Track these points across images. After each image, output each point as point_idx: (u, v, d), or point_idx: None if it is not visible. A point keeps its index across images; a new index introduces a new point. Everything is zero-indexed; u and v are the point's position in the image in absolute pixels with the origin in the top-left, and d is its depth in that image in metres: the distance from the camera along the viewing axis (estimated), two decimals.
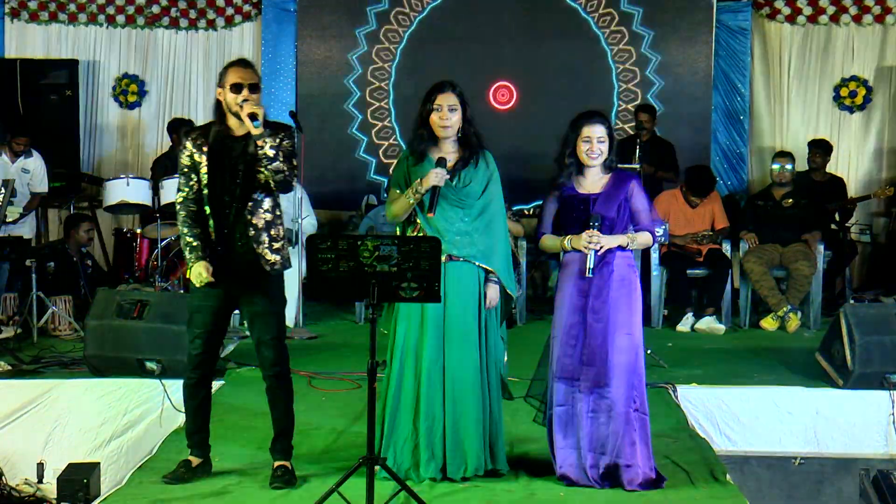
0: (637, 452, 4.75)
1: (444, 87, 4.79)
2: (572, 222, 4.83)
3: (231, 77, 4.59)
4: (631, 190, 4.84)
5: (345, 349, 7.48)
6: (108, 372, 6.40)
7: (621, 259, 4.80)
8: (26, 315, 7.54)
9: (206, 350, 4.76)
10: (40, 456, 6.20)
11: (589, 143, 4.80)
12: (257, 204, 4.64)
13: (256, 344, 4.78)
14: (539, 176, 9.94)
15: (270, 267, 4.66)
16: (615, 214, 4.79)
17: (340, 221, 9.95)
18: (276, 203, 4.72)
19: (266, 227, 4.66)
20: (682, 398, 6.22)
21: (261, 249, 4.64)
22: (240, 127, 4.60)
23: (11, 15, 10.07)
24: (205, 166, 4.61)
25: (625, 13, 9.99)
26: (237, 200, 4.61)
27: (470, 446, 4.79)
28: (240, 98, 4.54)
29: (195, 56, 10.15)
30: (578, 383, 4.77)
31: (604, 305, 4.75)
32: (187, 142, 4.67)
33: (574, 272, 4.81)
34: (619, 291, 4.77)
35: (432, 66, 9.77)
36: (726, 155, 10.06)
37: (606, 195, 4.81)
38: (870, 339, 6.28)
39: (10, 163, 8.63)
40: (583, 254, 4.75)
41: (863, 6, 9.85)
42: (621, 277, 4.78)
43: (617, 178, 4.86)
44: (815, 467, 6.19)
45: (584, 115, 4.89)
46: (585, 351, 4.76)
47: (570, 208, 4.84)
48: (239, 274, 4.66)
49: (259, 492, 4.72)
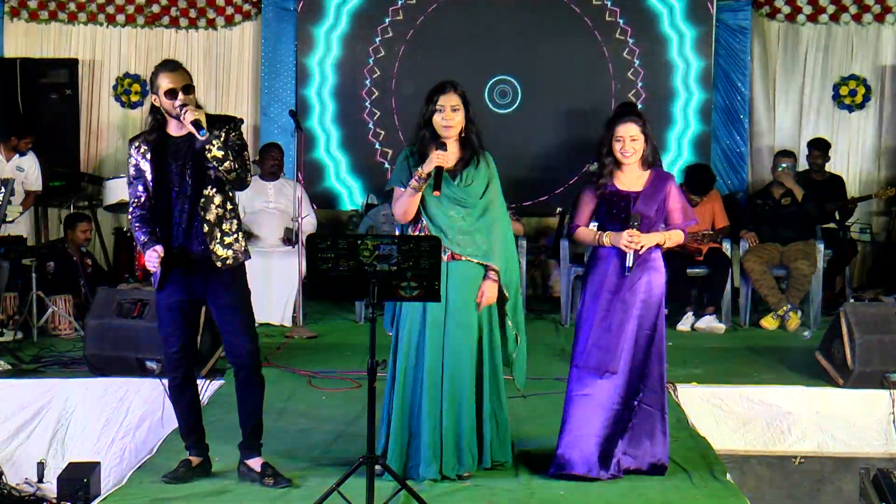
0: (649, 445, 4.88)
1: (447, 87, 4.80)
2: (612, 219, 4.90)
3: (163, 83, 4.56)
4: (669, 189, 4.91)
5: (345, 349, 7.48)
6: (109, 371, 6.40)
7: (655, 257, 4.88)
8: (26, 315, 7.54)
9: (182, 347, 4.75)
10: (40, 455, 6.20)
11: (621, 142, 4.86)
12: (209, 200, 4.63)
13: (226, 338, 4.77)
14: (539, 175, 10.06)
15: (222, 262, 4.64)
16: (654, 214, 4.87)
17: (340, 221, 9.95)
18: (228, 197, 4.70)
19: (217, 221, 4.64)
20: (683, 397, 6.23)
21: (213, 245, 4.62)
22: (180, 128, 4.59)
23: (11, 14, 10.05)
24: (149, 173, 4.60)
25: (625, 13, 9.98)
26: (188, 199, 4.60)
27: (467, 445, 4.79)
28: (177, 103, 4.53)
29: (195, 56, 10.14)
30: (602, 374, 4.81)
31: (634, 301, 4.82)
32: (131, 150, 4.67)
33: (607, 267, 4.87)
34: (648, 286, 4.85)
35: (433, 66, 9.75)
36: (726, 154, 10.05)
37: (647, 194, 4.88)
38: (870, 338, 6.29)
39: (5, 161, 8.62)
40: (619, 250, 4.82)
41: (863, 5, 9.84)
42: (652, 274, 4.86)
43: (657, 177, 4.93)
44: (815, 466, 6.20)
45: (616, 114, 4.96)
46: (611, 343, 4.81)
47: (609, 204, 4.90)
48: (197, 270, 4.65)
49: (259, 491, 4.72)
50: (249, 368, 4.78)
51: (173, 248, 4.62)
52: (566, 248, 8.29)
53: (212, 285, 4.68)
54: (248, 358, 4.76)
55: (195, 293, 4.71)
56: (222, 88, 10.14)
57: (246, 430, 4.85)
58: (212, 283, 4.67)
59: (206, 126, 4.49)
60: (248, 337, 4.75)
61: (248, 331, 4.75)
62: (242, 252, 4.74)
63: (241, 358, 4.75)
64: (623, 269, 4.81)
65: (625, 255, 4.80)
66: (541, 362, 6.69)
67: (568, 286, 8.31)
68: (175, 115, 4.56)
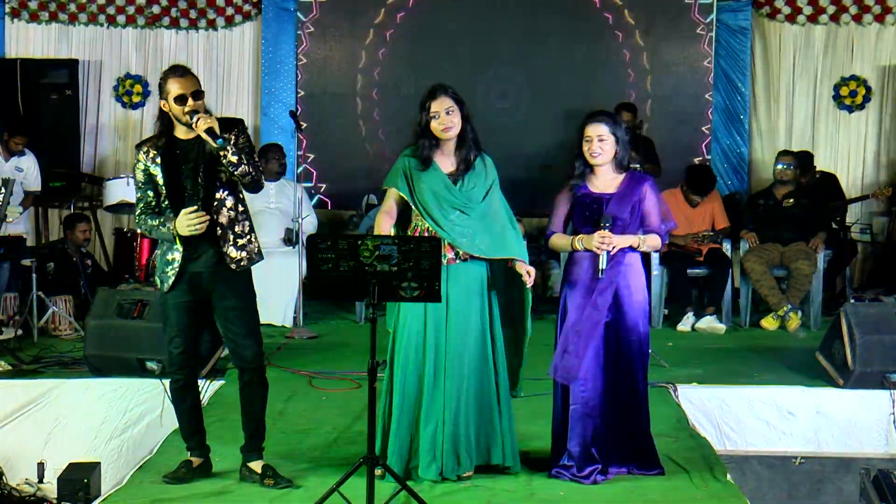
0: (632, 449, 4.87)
1: (437, 92, 4.79)
2: (584, 222, 4.85)
3: (172, 88, 4.56)
4: (644, 192, 4.85)
5: (345, 349, 7.48)
6: (109, 372, 6.40)
7: (630, 259, 4.82)
8: (26, 315, 7.54)
9: (186, 348, 4.74)
10: (41, 456, 6.20)
11: (589, 142, 4.83)
12: (221, 203, 4.63)
13: (231, 340, 4.76)
14: (539, 176, 10.06)
15: (236, 264, 4.65)
16: (628, 216, 4.81)
17: (341, 221, 9.95)
18: (240, 199, 4.71)
19: (230, 224, 4.65)
20: (683, 397, 6.23)
21: (225, 247, 4.63)
22: (189, 132, 4.59)
23: (12, 15, 10.06)
24: (160, 177, 4.60)
25: (624, 12, 9.98)
26: (200, 202, 4.59)
27: (465, 447, 4.79)
28: (186, 109, 4.53)
29: (195, 56, 10.14)
30: (583, 382, 4.78)
31: (606, 303, 4.76)
32: (140, 155, 4.66)
33: (583, 272, 4.82)
34: (626, 290, 4.79)
35: (433, 65, 9.78)
36: (726, 155, 10.05)
37: (620, 196, 4.83)
38: (870, 338, 6.28)
39: (4, 161, 8.61)
40: (593, 254, 4.77)
41: (863, 6, 9.84)
42: (629, 277, 4.80)
43: (631, 179, 4.88)
44: (815, 467, 6.19)
45: (587, 115, 4.92)
46: (580, 348, 4.76)
47: (582, 207, 4.86)
48: (206, 272, 4.65)
49: (259, 492, 4.71)
50: (254, 371, 4.78)
51: (186, 249, 4.62)
52: None
53: (220, 287, 4.68)
54: (254, 361, 4.76)
55: (203, 294, 4.71)
56: (222, 89, 10.15)
57: (248, 433, 4.85)
58: (220, 285, 4.67)
59: (219, 133, 4.49)
60: (254, 340, 4.75)
61: (253, 334, 4.75)
62: (256, 253, 4.74)
63: (246, 361, 4.76)
64: (596, 272, 4.75)
65: (598, 258, 4.75)
66: (541, 362, 6.67)
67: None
68: (185, 122, 4.56)
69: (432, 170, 4.80)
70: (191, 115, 4.51)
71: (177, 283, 4.64)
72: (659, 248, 5.03)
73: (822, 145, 10.00)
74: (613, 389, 4.83)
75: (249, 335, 4.73)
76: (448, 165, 4.83)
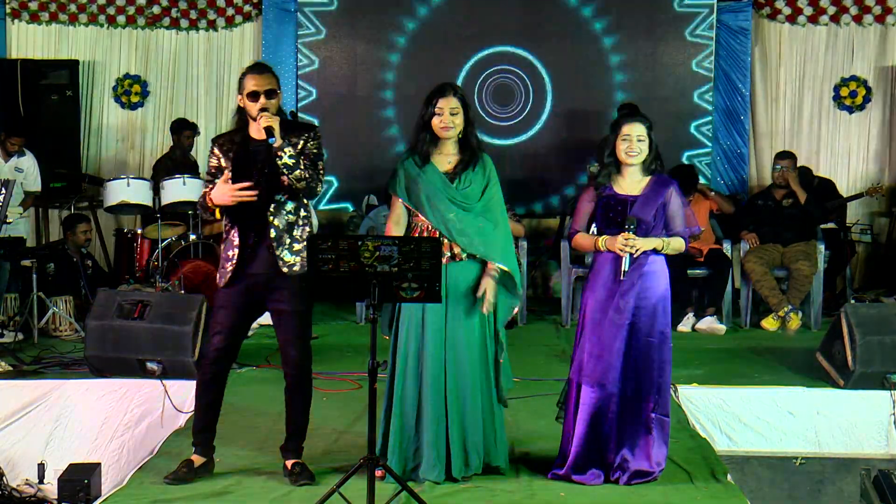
0: (645, 453, 4.80)
1: (446, 90, 4.79)
2: (609, 223, 4.83)
3: (248, 85, 4.66)
4: (669, 195, 4.83)
5: (345, 349, 7.48)
6: (109, 372, 6.40)
7: (654, 262, 4.80)
8: (27, 315, 7.54)
9: (225, 347, 4.77)
10: (41, 456, 6.20)
11: (628, 141, 4.81)
12: (280, 206, 4.66)
13: (280, 342, 4.80)
14: (539, 176, 10.06)
15: (288, 268, 4.67)
16: (652, 218, 4.79)
17: (341, 221, 9.95)
18: (301, 205, 4.74)
19: (288, 228, 4.68)
20: (683, 398, 6.22)
21: (280, 251, 4.65)
22: (260, 131, 4.64)
23: (12, 16, 10.06)
24: (229, 171, 4.65)
25: (625, 13, 9.99)
26: (260, 202, 4.63)
27: (473, 447, 4.79)
28: (257, 106, 4.60)
29: (196, 57, 10.15)
30: (602, 384, 4.75)
31: (632, 307, 4.74)
32: (214, 147, 4.76)
33: (606, 273, 4.80)
34: (645, 292, 4.77)
35: (432, 65, 9.78)
36: (726, 155, 10.05)
37: (645, 198, 4.80)
38: (870, 338, 6.28)
39: (4, 162, 8.61)
40: (615, 255, 4.75)
41: (863, 6, 9.85)
42: (652, 280, 4.78)
43: (657, 182, 4.85)
44: (815, 467, 6.20)
45: (624, 114, 4.87)
46: (604, 352, 4.74)
47: (607, 209, 4.84)
48: (261, 274, 4.68)
49: (260, 492, 4.72)
50: (298, 376, 4.84)
51: (245, 247, 4.65)
52: (566, 250, 8.28)
53: (275, 290, 4.70)
54: (299, 365, 4.81)
55: (256, 296, 4.74)
56: (223, 89, 10.14)
57: (287, 432, 4.90)
58: (275, 288, 4.70)
59: (277, 135, 4.54)
60: (302, 345, 4.79)
61: (301, 339, 4.79)
62: None
63: (299, 365, 4.81)
64: (619, 274, 4.74)
65: (620, 260, 4.74)
66: (541, 363, 6.69)
67: (568, 287, 8.31)
68: (254, 118, 4.63)
69: (429, 167, 4.79)
70: (259, 112, 4.58)
71: (234, 281, 4.68)
72: (682, 250, 4.96)
73: (823, 146, 10.01)
74: (634, 392, 4.78)
75: (296, 340, 4.77)
76: (445, 164, 4.82)
